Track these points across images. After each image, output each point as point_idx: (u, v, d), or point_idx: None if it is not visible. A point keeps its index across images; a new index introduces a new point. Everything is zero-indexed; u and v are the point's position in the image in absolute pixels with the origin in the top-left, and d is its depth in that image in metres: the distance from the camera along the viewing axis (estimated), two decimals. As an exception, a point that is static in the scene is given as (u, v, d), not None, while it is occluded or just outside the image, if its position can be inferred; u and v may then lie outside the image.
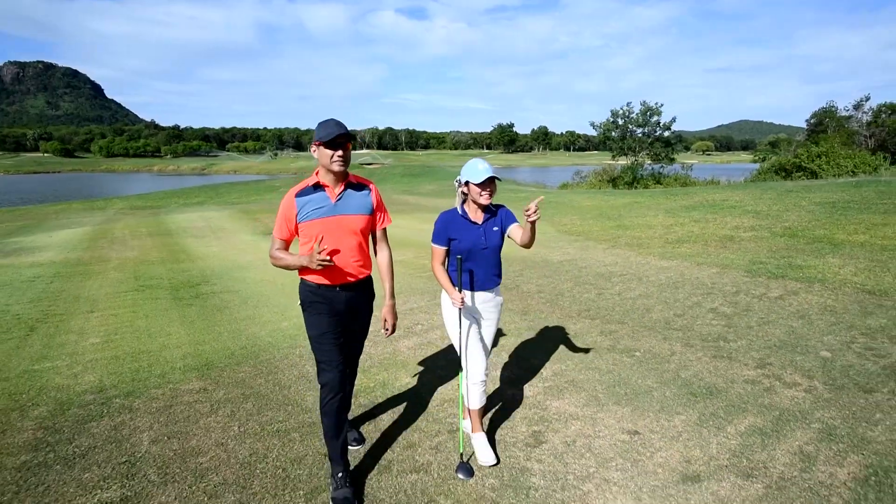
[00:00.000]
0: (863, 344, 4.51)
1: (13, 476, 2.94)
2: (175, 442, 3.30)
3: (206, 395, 4.01)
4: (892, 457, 2.89)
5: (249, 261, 10.19)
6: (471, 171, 2.89)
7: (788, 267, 7.27)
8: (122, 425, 3.54)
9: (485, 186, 2.87)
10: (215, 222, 18.42)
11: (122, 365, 4.65)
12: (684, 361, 4.32)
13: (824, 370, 4.03)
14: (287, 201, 2.80)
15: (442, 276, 3.01)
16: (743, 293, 6.23)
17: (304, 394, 3.97)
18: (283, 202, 2.82)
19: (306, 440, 3.29)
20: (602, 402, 3.70)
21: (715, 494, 2.65)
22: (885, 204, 11.14)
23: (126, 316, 6.32)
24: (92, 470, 3.00)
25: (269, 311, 6.33)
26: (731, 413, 3.45)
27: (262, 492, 2.77)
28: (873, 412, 3.37)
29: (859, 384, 3.78)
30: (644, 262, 8.35)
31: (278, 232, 2.83)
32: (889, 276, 6.51)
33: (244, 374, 4.39)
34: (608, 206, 16.71)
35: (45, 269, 9.81)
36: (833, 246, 8.35)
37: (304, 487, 2.80)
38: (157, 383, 4.23)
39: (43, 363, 4.74)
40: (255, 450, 3.19)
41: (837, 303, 5.67)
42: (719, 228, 10.72)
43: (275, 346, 5.08)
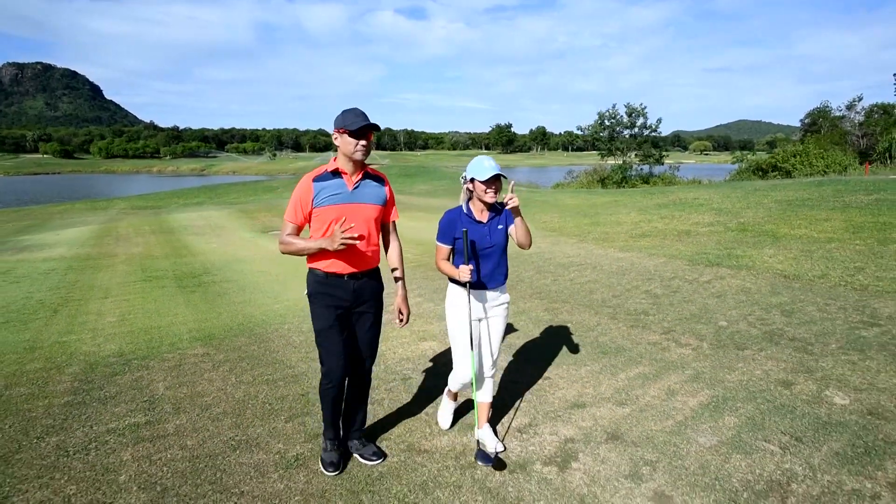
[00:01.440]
0: (757, 316, 5.40)
1: (61, 409, 3.81)
2: (185, 388, 4.17)
3: (209, 357, 4.87)
4: (733, 391, 3.77)
5: (247, 255, 11.06)
6: (477, 168, 2.85)
7: (727, 257, 8.16)
8: (141, 378, 4.40)
9: (490, 184, 2.84)
10: (215, 221, 19.28)
11: (137, 337, 5.52)
12: (605, 330, 5.21)
13: (715, 335, 4.92)
14: (304, 185, 2.78)
15: (445, 265, 3.01)
16: (678, 278, 7.12)
17: (289, 356, 4.84)
18: (300, 186, 2.79)
19: (289, 386, 4.15)
20: (529, 358, 4.59)
21: (593, 416, 3.53)
22: (836, 201, 12.02)
23: (137, 300, 7.19)
24: (120, 405, 3.87)
25: (263, 297, 7.20)
26: (627, 365, 4.33)
27: (253, 418, 3.64)
28: (736, 363, 4.25)
29: (737, 344, 4.67)
30: (603, 254, 9.23)
31: (292, 216, 2.80)
32: (809, 263, 7.39)
33: (240, 343, 5.26)
34: (589, 204, 17.59)
35: (59, 264, 10.68)
36: (774, 239, 9.24)
37: (285, 415, 3.67)
38: (168, 350, 5.10)
39: (69, 336, 5.61)
40: (247, 392, 4.06)
41: (753, 285, 6.56)
42: (681, 224, 11.61)
43: (267, 322, 5.95)
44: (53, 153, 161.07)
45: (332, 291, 2.84)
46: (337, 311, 2.86)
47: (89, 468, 3.02)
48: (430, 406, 3.76)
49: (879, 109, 50.89)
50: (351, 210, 2.78)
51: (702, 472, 2.85)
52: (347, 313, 2.92)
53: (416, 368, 4.48)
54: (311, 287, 2.89)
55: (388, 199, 2.98)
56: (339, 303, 2.86)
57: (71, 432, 3.45)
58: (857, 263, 7.16)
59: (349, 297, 2.87)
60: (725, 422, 3.35)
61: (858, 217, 10.11)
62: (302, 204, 2.77)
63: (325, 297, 2.85)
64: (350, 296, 2.87)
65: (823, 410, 3.44)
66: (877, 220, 9.67)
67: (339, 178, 2.79)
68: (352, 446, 3.13)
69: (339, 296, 2.85)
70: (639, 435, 3.25)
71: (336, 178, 2.79)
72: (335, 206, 2.76)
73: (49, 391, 4.13)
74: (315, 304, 2.88)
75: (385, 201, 2.94)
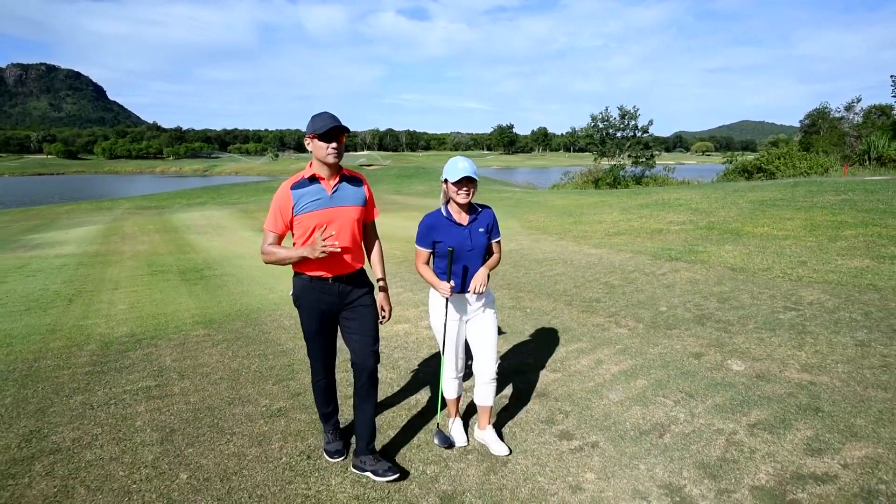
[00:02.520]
0: (695, 302, 6.08)
1: (83, 376, 4.50)
2: (188, 360, 4.87)
3: (209, 337, 5.57)
4: (651, 361, 4.45)
5: (246, 252, 11.76)
6: (450, 170, 2.88)
7: (688, 252, 8.84)
8: (150, 353, 5.10)
9: (461, 186, 2.87)
10: (216, 220, 20.01)
11: (145, 321, 6.21)
12: (559, 314, 5.90)
13: (652, 318, 5.61)
14: (282, 194, 2.78)
15: (426, 271, 3.05)
16: (637, 272, 7.80)
17: (279, 336, 5.52)
18: (278, 195, 2.79)
19: (277, 358, 4.84)
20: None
21: (528, 380, 4.21)
22: (805, 201, 12.67)
23: (144, 291, 7.89)
24: (134, 374, 4.56)
25: (260, 288, 7.89)
26: (569, 342, 5.01)
27: (245, 382, 4.33)
28: (662, 340, 4.94)
29: (669, 325, 5.35)
30: (577, 250, 9.92)
31: (272, 226, 2.81)
32: (759, 258, 8.07)
33: (237, 326, 5.95)
34: (576, 204, 18.26)
35: (70, 259, 11.40)
36: (736, 236, 9.91)
37: (272, 380, 4.36)
38: (174, 331, 5.79)
39: (86, 321, 6.31)
40: (242, 364, 4.75)
41: (702, 277, 7.24)
42: (656, 223, 12.28)
43: (262, 309, 6.64)
44: (58, 154, 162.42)
45: (318, 295, 2.87)
46: (323, 315, 2.91)
47: (111, 417, 3.73)
48: (400, 377, 4.45)
49: (877, 111, 51.43)
50: (333, 214, 2.80)
51: (603, 418, 3.53)
52: (335, 316, 2.95)
53: (391, 345, 5.16)
54: (298, 291, 2.92)
55: (368, 199, 2.99)
56: (326, 306, 2.89)
57: (93, 392, 4.15)
58: (802, 258, 7.82)
59: (335, 299, 2.90)
60: (636, 384, 4.04)
61: (819, 216, 10.77)
62: (282, 213, 2.78)
63: (312, 302, 2.88)
64: (336, 298, 2.90)
65: (720, 375, 4.13)
66: (834, 219, 10.33)
67: (317, 184, 2.79)
68: (364, 463, 2.97)
69: (326, 300, 2.88)
70: (562, 393, 3.93)
71: (314, 184, 2.79)
72: (316, 211, 2.76)
73: (72, 363, 4.84)
74: (302, 308, 2.92)
75: (365, 201, 2.96)
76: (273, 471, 3.02)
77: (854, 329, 4.96)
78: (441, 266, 3.05)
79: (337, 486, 2.87)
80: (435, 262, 3.10)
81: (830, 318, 5.29)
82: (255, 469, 3.03)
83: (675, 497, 2.71)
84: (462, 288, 3.05)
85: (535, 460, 3.08)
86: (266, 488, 2.85)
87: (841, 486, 2.72)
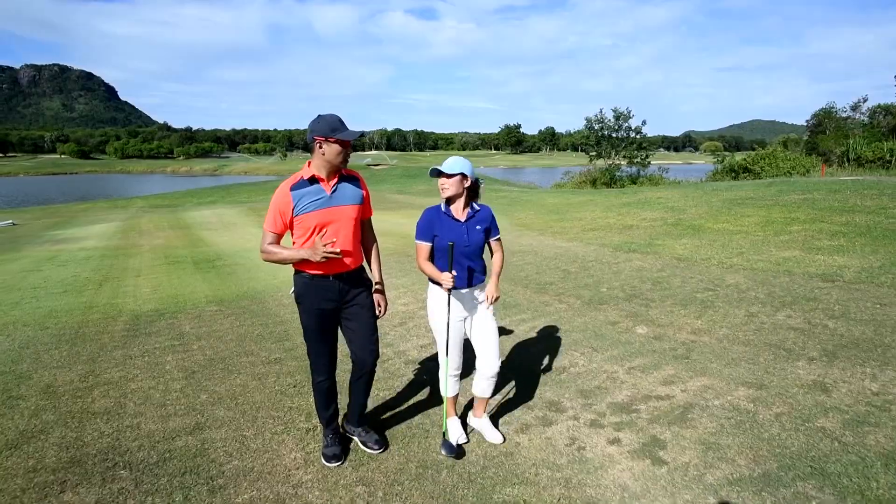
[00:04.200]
0: (632, 285, 7.12)
1: (120, 338, 5.62)
2: (204, 328, 5.98)
3: (221, 312, 6.67)
4: (575, 327, 5.51)
5: (253, 246, 12.88)
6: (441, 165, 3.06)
7: (646, 245, 9.87)
8: (173, 323, 6.21)
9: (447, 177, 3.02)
10: (226, 218, 21.19)
11: (167, 300, 7.34)
12: (513, 294, 6.96)
13: (590, 297, 6.66)
14: (282, 195, 2.82)
15: (429, 267, 3.09)
16: (596, 261, 8.84)
17: (279, 311, 6.62)
18: (277, 196, 2.83)
19: (276, 326, 5.93)
20: (450, 311, 6.35)
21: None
22: (771, 200, 13.63)
23: (163, 277, 9.03)
24: (161, 337, 5.67)
25: (264, 275, 8.99)
26: (514, 314, 6.08)
27: (250, 342, 5.43)
28: (590, 312, 6.00)
29: (602, 302, 6.41)
30: (551, 244, 10.97)
31: (271, 226, 2.85)
32: (706, 249, 9.09)
33: (244, 303, 7.06)
34: (566, 203, 19.27)
35: (94, 252, 12.59)
36: (696, 231, 10.93)
37: (272, 340, 5.45)
38: (191, 308, 6.91)
39: (116, 300, 7.44)
40: (247, 330, 5.85)
41: (649, 265, 8.28)
42: (630, 220, 13.29)
43: (266, 292, 7.74)
44: (71, 153, 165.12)
45: (318, 293, 2.94)
46: (324, 313, 2.98)
47: (146, 363, 4.84)
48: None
49: (882, 110, 51.82)
50: (333, 214, 2.86)
51: (519, 363, 4.60)
52: (335, 313, 3.03)
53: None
54: (299, 288, 2.99)
55: (365, 197, 3.08)
56: (326, 304, 2.97)
57: (130, 349, 5.27)
58: (742, 250, 8.84)
59: (336, 296, 2.97)
60: (556, 342, 5.10)
61: (776, 213, 11.75)
62: (281, 214, 2.82)
63: (312, 299, 2.95)
64: (336, 295, 2.97)
65: (625, 336, 5.19)
66: (789, 216, 11.31)
67: (317, 185, 2.85)
68: (355, 432, 3.31)
69: (326, 296, 2.96)
70: (497, 348, 5.01)
71: (313, 185, 2.85)
72: (316, 211, 2.82)
73: (110, 330, 5.97)
74: (302, 306, 2.99)
75: (363, 199, 3.04)
76: (268, 394, 4.12)
77: (751, 304, 6.00)
78: (440, 265, 3.09)
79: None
80: (435, 259, 3.13)
81: (738, 297, 6.33)
82: (255, 393, 4.14)
83: (552, 408, 3.78)
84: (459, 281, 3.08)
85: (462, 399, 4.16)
86: (262, 404, 3.95)
87: (672, 402, 3.78)
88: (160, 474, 3.04)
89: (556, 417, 3.65)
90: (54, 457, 3.24)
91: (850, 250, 8.25)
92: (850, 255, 7.99)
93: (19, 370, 4.71)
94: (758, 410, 3.58)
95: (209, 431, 3.52)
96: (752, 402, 3.71)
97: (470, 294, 3.20)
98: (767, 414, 3.53)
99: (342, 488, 2.88)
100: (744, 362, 4.41)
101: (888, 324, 5.15)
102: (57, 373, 4.63)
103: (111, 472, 3.06)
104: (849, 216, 10.77)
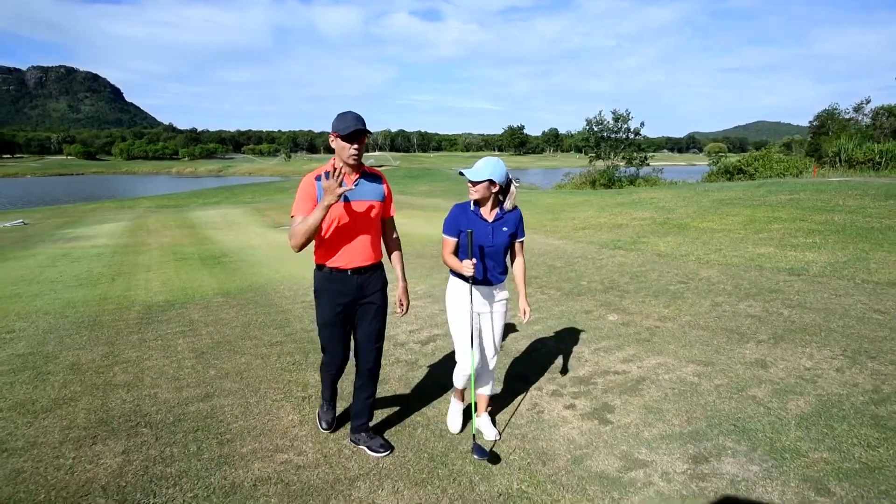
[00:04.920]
0: (612, 279, 7.60)
1: (135, 325, 6.13)
2: (211, 316, 6.48)
3: (227, 303, 7.18)
4: (552, 315, 5.99)
5: (257, 244, 13.42)
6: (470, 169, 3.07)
7: (631, 243, 10.34)
8: (182, 312, 6.71)
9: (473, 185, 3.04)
10: (231, 218, 21.74)
11: (176, 292, 7.85)
12: (501, 287, 7.43)
13: (571, 288, 7.14)
14: (307, 184, 2.92)
15: (451, 258, 3.13)
16: (581, 257, 9.32)
17: (280, 301, 7.11)
18: (304, 184, 2.92)
19: (278, 315, 6.43)
20: (436, 298, 6.84)
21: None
22: (758, 200, 14.07)
23: (172, 272, 9.55)
24: (172, 324, 6.18)
25: (267, 270, 9.51)
26: (499, 304, 6.55)
27: (253, 328, 5.92)
28: (568, 302, 6.48)
29: (581, 293, 6.88)
30: (543, 241, 11.45)
31: (299, 210, 2.91)
32: (686, 246, 9.55)
33: (248, 295, 7.56)
34: (562, 203, 19.74)
35: (105, 249, 13.12)
36: (681, 229, 11.39)
37: (273, 326, 5.95)
38: (199, 299, 7.42)
39: (129, 292, 7.96)
40: (251, 318, 6.35)
41: (630, 261, 8.75)
42: (621, 219, 13.76)
43: (269, 285, 8.24)
44: (77, 155, 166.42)
45: (337, 287, 3.02)
46: (340, 307, 3.05)
47: (159, 345, 5.35)
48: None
49: (885, 112, 52.00)
50: (350, 208, 2.96)
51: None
52: (352, 308, 3.10)
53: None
54: (318, 283, 3.08)
55: (387, 196, 3.15)
56: (344, 298, 3.04)
57: (145, 333, 5.78)
58: (721, 247, 9.30)
59: (354, 291, 3.04)
60: (532, 329, 5.58)
61: (761, 213, 12.20)
62: (309, 198, 2.90)
63: (330, 294, 3.03)
64: (354, 290, 3.05)
65: (596, 323, 5.67)
66: (772, 215, 11.76)
67: None
68: (359, 439, 3.30)
69: (344, 291, 3.03)
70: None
71: None
72: (336, 203, 2.87)
73: (125, 318, 6.48)
74: (320, 299, 3.08)
75: (384, 197, 3.12)
76: (270, 370, 4.61)
77: (718, 295, 6.48)
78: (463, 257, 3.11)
79: (314, 381, 4.46)
80: (458, 254, 3.17)
81: (707, 288, 6.80)
82: (258, 369, 4.64)
83: (518, 381, 4.27)
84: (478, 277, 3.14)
85: (443, 369, 4.65)
86: (264, 378, 4.45)
87: (627, 376, 4.26)
88: (176, 431, 3.54)
89: (522, 388, 4.14)
90: (84, 418, 3.75)
91: (822, 247, 8.71)
92: (820, 251, 8.45)
93: (46, 351, 5.22)
94: (700, 382, 4.07)
95: (218, 399, 4.02)
96: (698, 376, 4.19)
97: (488, 292, 3.25)
98: (708, 385, 4.01)
99: (331, 441, 3.38)
100: (699, 344, 4.89)
101: (838, 311, 5.62)
102: (80, 353, 5.14)
103: (134, 430, 3.57)
104: (828, 215, 11.21)
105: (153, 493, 2.87)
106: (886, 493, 2.73)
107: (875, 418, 3.42)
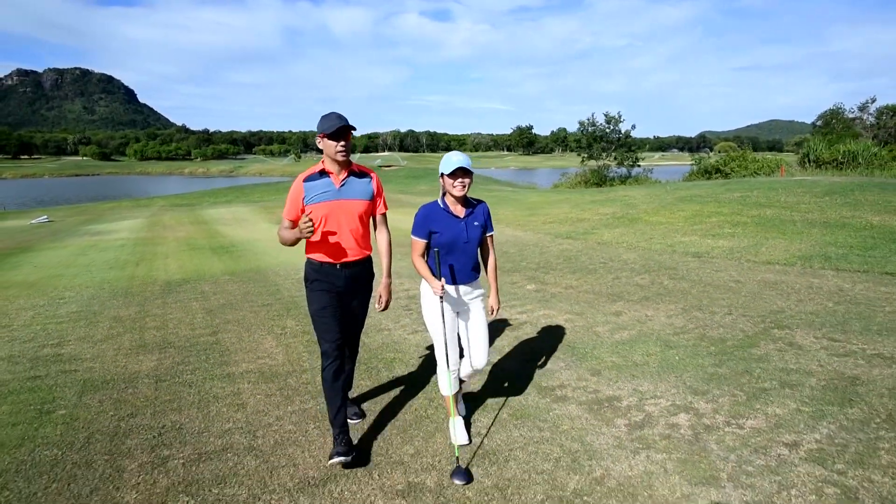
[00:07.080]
0: (547, 261, 9.16)
1: (159, 294, 7.79)
2: (219, 288, 8.12)
3: (233, 281, 8.82)
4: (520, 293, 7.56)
5: (262, 237, 15.10)
6: (444, 163, 3.01)
7: (582, 234, 11.88)
8: (195, 286, 8.37)
9: (455, 177, 2.97)
10: (240, 215, 23.49)
11: (190, 273, 9.52)
12: (455, 267, 9.04)
13: (510, 267, 8.71)
14: (296, 185, 3.06)
15: (422, 265, 3.13)
16: (539, 246, 10.88)
17: (277, 280, 8.73)
18: (293, 186, 3.07)
19: (277, 293, 8.02)
20: (402, 274, 8.45)
21: (402, 291, 7.36)
22: (713, 198, 15.46)
23: (187, 259, 11.24)
24: (187, 293, 7.82)
25: (269, 257, 11.16)
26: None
27: (252, 296, 7.56)
28: (505, 278, 8.05)
29: (515, 270, 8.45)
30: (510, 234, 13.01)
31: (287, 213, 3.08)
32: (629, 236, 11.07)
33: (251, 275, 9.21)
34: (545, 200, 21.25)
35: (127, 242, 14.88)
36: (631, 222, 12.90)
37: (266, 294, 7.58)
38: (210, 278, 9.07)
39: (151, 273, 9.65)
40: (251, 289, 7.98)
41: (573, 248, 10.30)
42: (587, 214, 15.27)
43: (268, 267, 9.88)
44: (92, 156, 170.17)
45: (326, 278, 3.14)
46: (331, 293, 3.14)
47: (179, 306, 7.01)
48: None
49: (889, 111, 52.69)
50: (338, 206, 3.06)
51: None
52: (342, 296, 3.19)
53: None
54: (308, 274, 3.21)
55: (376, 193, 3.21)
56: (333, 288, 3.15)
57: (167, 299, 7.45)
58: (654, 236, 10.82)
59: (342, 283, 3.16)
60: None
61: (708, 208, 13.67)
62: (294, 203, 3.06)
63: (321, 283, 3.15)
64: (343, 282, 3.16)
65: (515, 290, 7.23)
66: (716, 211, 13.23)
67: (327, 178, 3.06)
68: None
69: (333, 282, 3.15)
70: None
71: (324, 178, 3.06)
72: (324, 202, 3.04)
73: (150, 290, 8.16)
74: (311, 289, 3.18)
75: (372, 195, 3.19)
76: (259, 320, 6.26)
77: (623, 271, 8.03)
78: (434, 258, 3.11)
79: (292, 325, 6.09)
80: (429, 254, 3.18)
81: (619, 267, 8.36)
82: (252, 318, 6.29)
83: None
84: (454, 280, 3.16)
85: (393, 321, 6.26)
86: (255, 324, 6.09)
87: (516, 321, 5.84)
88: (192, 351, 5.19)
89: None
90: (128, 344, 5.42)
91: (736, 236, 10.22)
92: (732, 239, 9.97)
93: (93, 309, 6.91)
94: (565, 325, 5.64)
95: (221, 335, 5.68)
96: (567, 321, 5.77)
97: (466, 290, 3.24)
98: (570, 326, 5.59)
99: (304, 361, 5.00)
100: (582, 303, 6.46)
101: (704, 281, 7.17)
102: (119, 310, 6.83)
103: (163, 350, 5.22)
104: (762, 210, 12.66)
105: (177, 377, 4.52)
106: (640, 372, 4.30)
107: (666, 341, 4.98)
